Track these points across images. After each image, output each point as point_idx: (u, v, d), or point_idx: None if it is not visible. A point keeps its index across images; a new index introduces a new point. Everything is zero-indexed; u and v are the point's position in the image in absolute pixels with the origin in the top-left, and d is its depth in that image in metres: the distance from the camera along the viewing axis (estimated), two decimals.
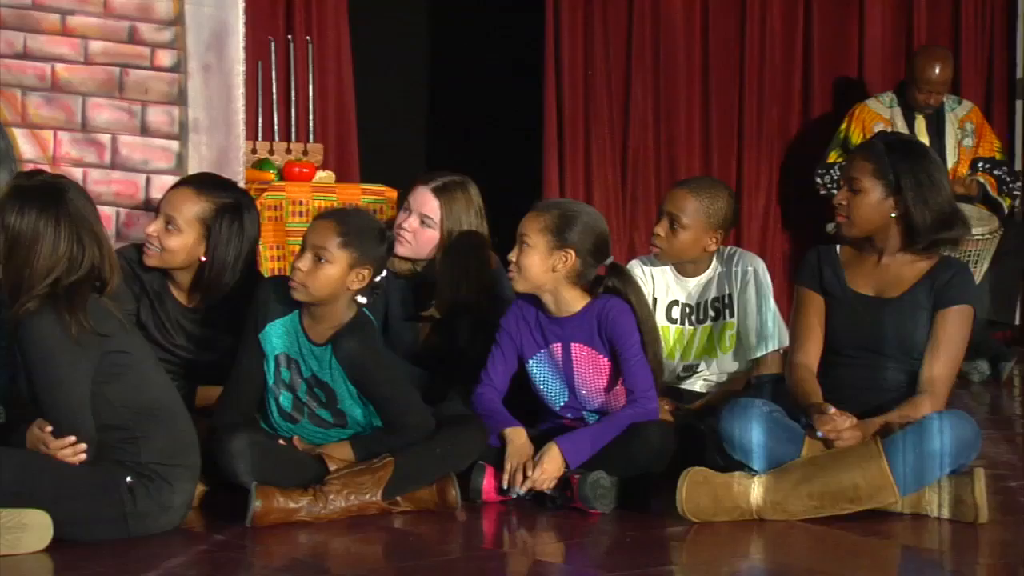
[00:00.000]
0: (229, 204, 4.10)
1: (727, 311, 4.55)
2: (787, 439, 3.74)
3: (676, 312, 4.60)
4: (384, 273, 3.89)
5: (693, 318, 4.58)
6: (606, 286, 4.08)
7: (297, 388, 3.86)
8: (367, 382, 3.81)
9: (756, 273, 4.51)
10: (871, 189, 3.89)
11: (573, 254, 4.00)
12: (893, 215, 3.88)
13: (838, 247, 4.02)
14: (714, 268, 4.58)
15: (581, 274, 4.04)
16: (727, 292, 4.54)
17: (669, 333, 4.58)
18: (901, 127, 6.68)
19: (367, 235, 3.81)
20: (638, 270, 4.59)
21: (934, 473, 3.67)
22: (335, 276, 3.76)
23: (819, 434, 3.70)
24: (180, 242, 4.06)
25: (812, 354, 3.95)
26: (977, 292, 3.94)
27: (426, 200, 4.35)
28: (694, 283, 4.59)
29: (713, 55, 6.99)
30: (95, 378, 3.41)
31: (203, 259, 4.09)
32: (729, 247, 4.63)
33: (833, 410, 3.70)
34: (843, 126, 6.80)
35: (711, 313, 4.57)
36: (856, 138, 6.65)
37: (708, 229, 4.51)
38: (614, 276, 4.09)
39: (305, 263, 3.75)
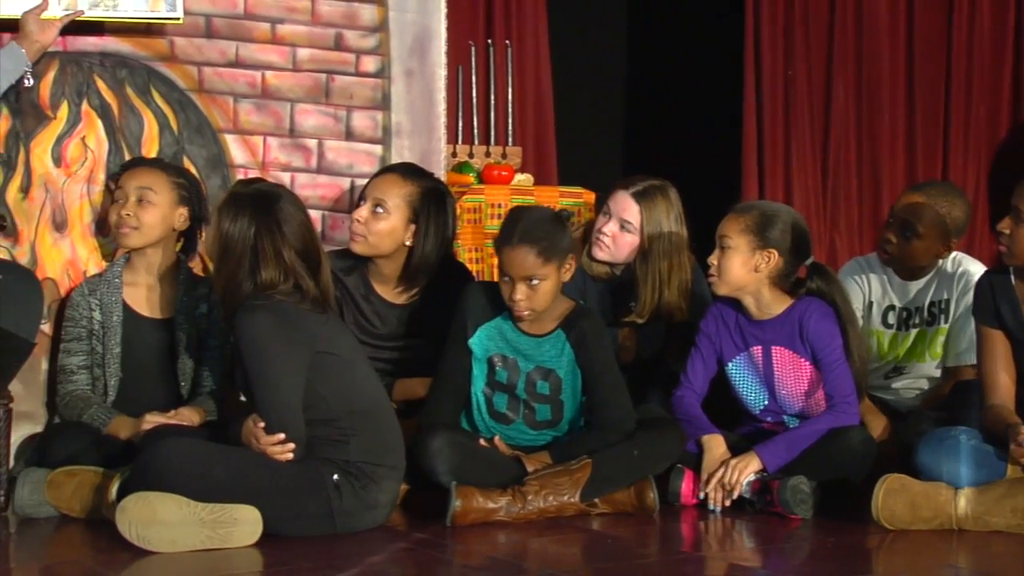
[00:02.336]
0: (433, 188, 4.22)
1: (942, 316, 4.42)
2: (989, 470, 3.62)
3: (892, 317, 4.49)
4: None
5: (909, 322, 4.46)
6: (809, 288, 4.02)
7: (515, 386, 3.90)
8: (594, 361, 3.84)
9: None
10: None
11: (776, 254, 3.95)
12: None
13: (1013, 276, 3.73)
14: (935, 272, 4.44)
15: (783, 274, 3.99)
16: (944, 297, 4.41)
17: (884, 338, 4.49)
18: None
19: (556, 236, 3.82)
20: (856, 269, 4.50)
21: None
22: (552, 287, 3.81)
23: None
24: (389, 225, 4.15)
25: (1004, 395, 3.73)
26: None
27: (627, 205, 4.34)
28: (914, 286, 4.47)
29: (918, 52, 6.81)
30: (308, 376, 3.51)
31: (408, 243, 4.17)
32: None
33: None
34: None
35: (926, 317, 4.45)
36: None
37: (943, 238, 4.37)
38: (817, 277, 4.03)
39: (523, 292, 3.78)
